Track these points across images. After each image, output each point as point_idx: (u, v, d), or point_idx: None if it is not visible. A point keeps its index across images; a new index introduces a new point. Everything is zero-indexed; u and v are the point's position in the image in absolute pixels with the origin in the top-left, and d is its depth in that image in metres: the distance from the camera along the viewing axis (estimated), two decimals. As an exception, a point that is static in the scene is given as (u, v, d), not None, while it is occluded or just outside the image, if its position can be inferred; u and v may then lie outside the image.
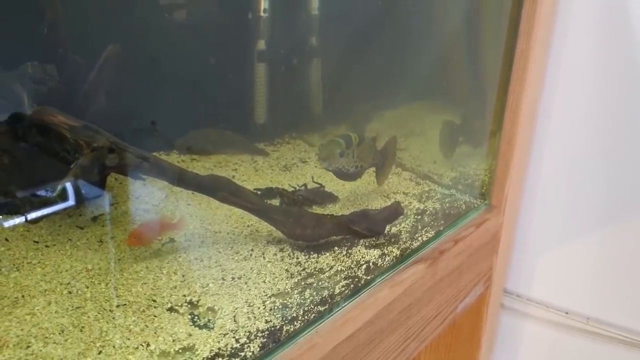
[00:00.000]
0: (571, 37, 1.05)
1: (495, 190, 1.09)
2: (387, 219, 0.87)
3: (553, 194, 1.13)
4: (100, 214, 0.90)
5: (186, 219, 0.82)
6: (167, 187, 0.90)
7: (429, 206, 1.01)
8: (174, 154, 1.11)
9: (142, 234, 0.78)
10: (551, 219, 1.14)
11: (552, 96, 1.09)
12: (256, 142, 1.19)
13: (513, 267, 1.20)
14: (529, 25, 1.01)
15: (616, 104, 1.02)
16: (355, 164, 0.89)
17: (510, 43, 1.02)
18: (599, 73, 1.03)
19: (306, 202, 0.95)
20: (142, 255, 0.79)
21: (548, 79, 1.09)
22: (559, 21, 1.05)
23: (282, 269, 0.78)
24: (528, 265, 1.19)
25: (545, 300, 1.18)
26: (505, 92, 1.04)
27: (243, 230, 0.88)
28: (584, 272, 1.12)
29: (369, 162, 0.93)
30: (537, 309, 1.19)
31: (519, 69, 1.03)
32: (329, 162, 0.86)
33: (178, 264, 0.78)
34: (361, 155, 0.89)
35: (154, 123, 0.99)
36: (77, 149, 0.78)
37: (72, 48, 0.90)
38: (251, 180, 1.05)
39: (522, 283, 1.20)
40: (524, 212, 1.16)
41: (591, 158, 1.07)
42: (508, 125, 1.05)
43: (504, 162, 1.07)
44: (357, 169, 0.90)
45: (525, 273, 1.20)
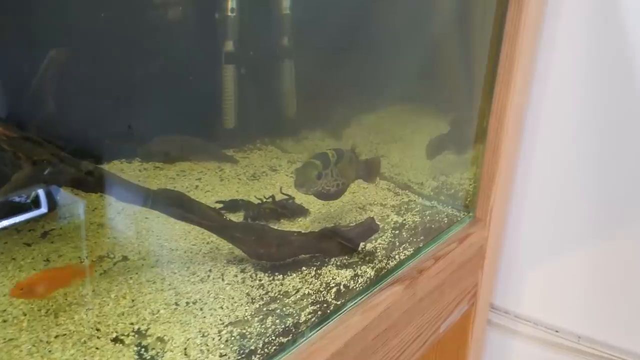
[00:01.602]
0: (560, 41, 0.99)
1: (480, 201, 1.02)
2: (360, 235, 0.81)
3: (542, 206, 1.07)
4: (51, 229, 0.83)
5: (84, 268, 0.74)
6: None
7: (408, 219, 0.94)
8: (137, 161, 1.04)
9: (32, 286, 0.67)
10: (540, 232, 1.08)
11: (540, 102, 1.02)
12: (225, 148, 1.13)
13: (500, 282, 1.14)
14: (513, 29, 0.94)
15: (608, 111, 0.96)
16: (336, 182, 0.82)
17: (494, 47, 0.96)
18: (590, 78, 0.97)
19: (273, 216, 0.88)
20: (90, 276, 0.72)
21: (535, 85, 1.02)
22: (546, 24, 0.99)
23: (242, 292, 0.72)
24: (516, 280, 1.13)
25: (534, 317, 1.12)
26: (490, 98, 0.98)
27: (202, 247, 0.81)
28: (575, 288, 1.06)
29: (352, 176, 0.86)
30: (526, 326, 1.13)
31: (504, 74, 0.96)
32: (307, 187, 0.79)
33: (128, 286, 0.71)
34: (342, 172, 0.83)
35: (130, 127, 0.93)
36: (16, 162, 0.70)
37: (17, 53, 0.82)
38: (215, 190, 0.98)
39: (510, 299, 1.14)
40: (511, 224, 1.10)
41: (582, 167, 1.00)
42: (493, 132, 0.99)
43: (489, 171, 1.00)
44: (339, 187, 0.82)
45: (513, 288, 1.14)
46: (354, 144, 0.87)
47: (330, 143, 1.17)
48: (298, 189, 0.80)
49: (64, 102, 0.88)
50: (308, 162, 0.80)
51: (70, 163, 0.70)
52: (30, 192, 0.74)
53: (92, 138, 0.91)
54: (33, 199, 0.75)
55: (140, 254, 0.79)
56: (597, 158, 0.99)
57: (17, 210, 0.74)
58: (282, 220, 0.89)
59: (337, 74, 1.10)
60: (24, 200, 0.75)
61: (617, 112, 0.96)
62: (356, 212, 0.94)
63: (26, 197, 0.75)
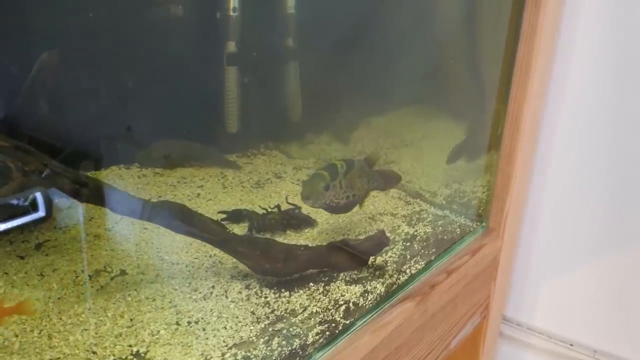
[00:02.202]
0: (578, 42, 0.94)
1: (493, 210, 0.98)
2: (370, 249, 0.77)
3: (557, 214, 1.03)
4: (46, 240, 0.79)
5: (30, 304, 0.67)
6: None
7: (420, 230, 0.90)
8: (135, 167, 1.00)
9: None
10: (555, 242, 1.04)
11: (556, 106, 0.98)
12: (227, 153, 1.09)
13: (513, 293, 1.10)
14: (530, 29, 0.90)
15: (629, 117, 0.92)
16: (345, 194, 0.78)
17: (510, 48, 0.91)
18: (610, 81, 0.92)
19: (279, 227, 0.84)
20: (87, 292, 0.69)
21: (552, 88, 0.98)
22: (564, 24, 0.94)
23: (247, 311, 0.68)
24: (529, 291, 1.09)
25: (547, 329, 1.08)
26: (505, 102, 0.93)
27: (204, 261, 0.77)
28: (591, 301, 1.02)
29: (364, 187, 0.82)
30: (539, 339, 1.09)
31: (520, 76, 0.92)
32: (314, 199, 0.75)
33: (126, 304, 0.67)
34: (352, 183, 0.78)
35: (130, 129, 0.90)
36: (6, 172, 0.66)
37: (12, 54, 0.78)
38: (218, 199, 0.94)
39: (523, 310, 1.10)
40: (525, 234, 1.06)
41: (599, 175, 0.96)
42: (508, 137, 0.94)
43: (503, 179, 0.96)
44: (348, 199, 0.78)
45: (526, 299, 1.09)
46: (370, 154, 0.82)
47: (337, 147, 1.14)
48: (305, 202, 0.76)
49: (60, 104, 0.85)
50: (315, 174, 0.77)
51: (63, 174, 0.65)
52: (28, 194, 0.70)
53: (90, 141, 0.88)
54: (31, 202, 0.72)
55: (139, 267, 0.75)
56: (615, 166, 0.95)
57: (14, 213, 0.71)
58: (289, 231, 0.85)
59: (344, 76, 1.06)
60: (22, 202, 0.72)
61: (638, 118, 0.91)
62: (366, 223, 0.90)
63: (24, 200, 0.72)
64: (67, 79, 0.84)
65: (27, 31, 0.80)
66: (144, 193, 0.92)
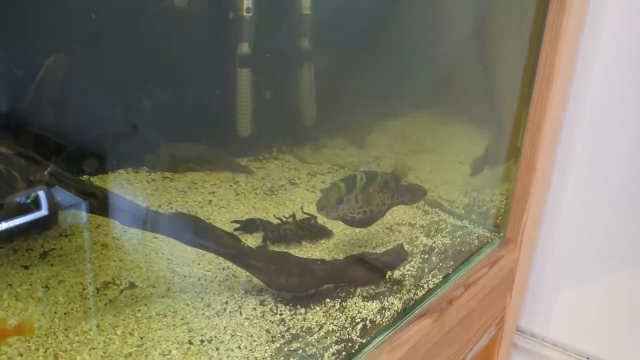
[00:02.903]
0: (600, 47, 0.91)
1: (511, 220, 0.96)
2: (388, 264, 0.74)
3: (575, 225, 1.00)
4: (51, 248, 0.76)
5: (31, 322, 0.64)
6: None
7: (438, 242, 0.87)
8: (144, 170, 0.97)
9: None
10: (573, 252, 1.02)
11: (577, 114, 0.95)
12: (239, 157, 1.07)
13: (527, 303, 1.07)
14: (554, 32, 0.87)
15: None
16: (361, 209, 0.74)
17: (533, 52, 0.88)
18: (633, 89, 0.89)
19: (294, 238, 0.81)
20: (95, 306, 0.66)
21: (573, 95, 0.94)
22: (587, 27, 0.91)
23: (261, 329, 0.65)
24: (544, 302, 1.06)
25: (563, 342, 1.06)
26: (526, 107, 0.91)
27: (217, 274, 0.75)
28: (609, 313, 0.99)
29: (385, 203, 0.78)
30: (554, 351, 1.07)
31: (543, 82, 0.89)
32: (327, 211, 0.73)
33: (136, 320, 0.65)
34: (369, 198, 0.75)
35: (136, 127, 0.87)
36: (10, 182, 0.63)
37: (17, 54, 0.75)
38: (230, 206, 0.92)
39: (538, 321, 1.08)
40: (541, 243, 1.03)
41: (619, 186, 0.94)
42: (528, 147, 0.92)
43: (522, 188, 0.93)
44: (365, 214, 0.75)
45: (541, 310, 1.07)
46: (397, 168, 0.79)
47: (352, 152, 1.11)
48: (319, 212, 0.74)
49: (67, 105, 0.82)
50: (333, 184, 0.74)
51: (69, 183, 0.63)
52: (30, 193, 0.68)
53: (96, 141, 0.86)
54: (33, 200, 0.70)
55: (149, 280, 0.72)
56: (636, 176, 0.93)
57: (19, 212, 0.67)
58: (304, 242, 0.83)
59: (359, 78, 1.03)
60: (23, 200, 0.69)
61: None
62: (383, 234, 0.87)
63: (26, 198, 0.70)
64: (75, 81, 0.81)
65: (33, 30, 0.77)
66: (153, 200, 0.89)
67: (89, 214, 0.68)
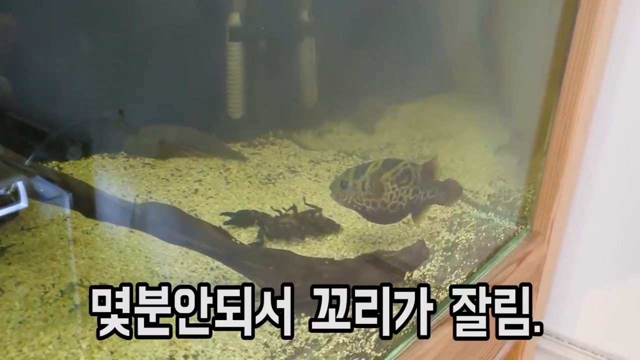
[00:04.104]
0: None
1: (539, 212, 0.87)
2: (407, 264, 0.65)
3: (606, 218, 0.92)
4: (10, 244, 0.69)
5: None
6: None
7: (461, 237, 0.79)
8: (122, 155, 0.88)
9: None
10: (603, 248, 0.94)
11: (611, 97, 0.87)
12: (230, 142, 0.98)
13: (552, 303, 0.99)
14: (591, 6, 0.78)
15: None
16: (370, 199, 0.67)
17: (566, 25, 0.80)
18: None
19: (295, 233, 0.72)
20: (57, 313, 0.58)
21: (607, 74, 0.86)
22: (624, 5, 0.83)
23: (258, 342, 0.56)
24: (571, 302, 0.99)
25: (591, 344, 0.98)
26: (558, 88, 0.82)
27: (204, 275, 0.66)
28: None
29: (404, 198, 0.69)
30: (582, 355, 0.99)
31: (577, 59, 0.80)
32: (334, 194, 0.68)
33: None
34: (379, 188, 0.67)
35: (122, 112, 0.82)
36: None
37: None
38: (220, 196, 0.83)
39: (563, 322, 1.00)
40: (569, 237, 0.95)
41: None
42: (560, 131, 0.84)
43: (552, 176, 0.86)
44: (375, 206, 0.67)
45: (567, 310, 0.99)
46: (430, 160, 0.70)
47: (360, 137, 1.03)
48: (331, 196, 0.70)
49: (35, 82, 0.77)
50: (348, 168, 0.69)
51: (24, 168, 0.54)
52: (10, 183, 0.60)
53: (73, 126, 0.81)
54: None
55: (123, 281, 0.64)
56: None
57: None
58: (307, 238, 0.73)
59: (368, 56, 0.96)
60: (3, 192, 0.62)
61: None
62: (400, 229, 0.79)
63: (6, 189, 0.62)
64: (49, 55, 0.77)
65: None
66: (130, 188, 0.82)
67: (51, 203, 0.60)
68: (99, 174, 0.83)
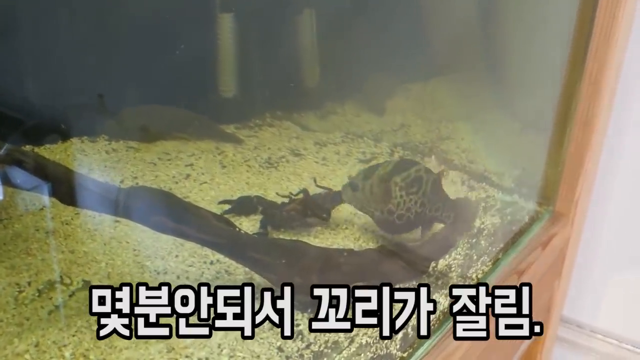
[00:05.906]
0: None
1: (562, 192, 0.83)
2: (433, 253, 0.59)
3: (632, 200, 0.89)
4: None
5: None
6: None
7: (487, 222, 0.73)
8: (103, 139, 0.82)
9: None
10: (627, 232, 0.90)
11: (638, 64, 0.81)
12: (223, 123, 0.93)
13: (573, 290, 0.95)
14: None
15: None
16: (377, 204, 0.62)
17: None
18: None
19: (305, 221, 0.65)
20: (35, 316, 0.52)
21: (633, 39, 0.81)
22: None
23: (271, 346, 0.50)
24: (592, 289, 0.95)
25: (615, 332, 0.94)
26: (583, 55, 0.76)
27: (204, 270, 0.59)
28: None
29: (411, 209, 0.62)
30: (604, 343, 0.95)
31: (605, 22, 0.75)
32: (345, 195, 0.64)
33: (92, 335, 0.50)
34: (384, 194, 0.61)
35: (102, 96, 0.79)
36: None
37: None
38: (215, 182, 0.77)
39: (585, 310, 0.96)
40: (591, 222, 0.91)
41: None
42: (585, 101, 0.80)
43: (577, 153, 0.82)
44: (382, 214, 0.61)
45: (588, 298, 0.96)
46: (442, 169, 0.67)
47: (368, 119, 0.97)
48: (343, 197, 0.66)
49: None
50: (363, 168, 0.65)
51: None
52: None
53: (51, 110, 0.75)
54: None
55: (110, 278, 0.58)
56: None
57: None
58: (319, 227, 0.67)
59: (375, 29, 0.90)
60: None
61: None
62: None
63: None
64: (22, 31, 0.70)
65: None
66: (114, 174, 0.76)
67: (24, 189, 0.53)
68: (78, 159, 0.77)
